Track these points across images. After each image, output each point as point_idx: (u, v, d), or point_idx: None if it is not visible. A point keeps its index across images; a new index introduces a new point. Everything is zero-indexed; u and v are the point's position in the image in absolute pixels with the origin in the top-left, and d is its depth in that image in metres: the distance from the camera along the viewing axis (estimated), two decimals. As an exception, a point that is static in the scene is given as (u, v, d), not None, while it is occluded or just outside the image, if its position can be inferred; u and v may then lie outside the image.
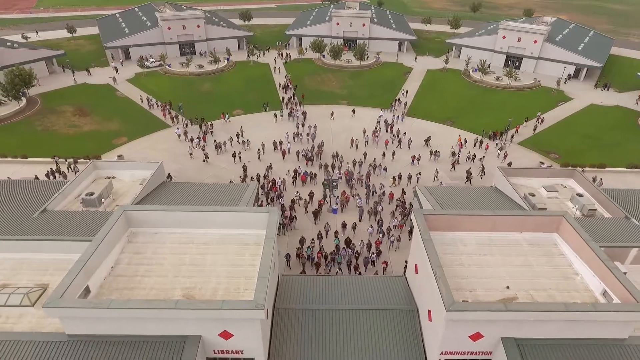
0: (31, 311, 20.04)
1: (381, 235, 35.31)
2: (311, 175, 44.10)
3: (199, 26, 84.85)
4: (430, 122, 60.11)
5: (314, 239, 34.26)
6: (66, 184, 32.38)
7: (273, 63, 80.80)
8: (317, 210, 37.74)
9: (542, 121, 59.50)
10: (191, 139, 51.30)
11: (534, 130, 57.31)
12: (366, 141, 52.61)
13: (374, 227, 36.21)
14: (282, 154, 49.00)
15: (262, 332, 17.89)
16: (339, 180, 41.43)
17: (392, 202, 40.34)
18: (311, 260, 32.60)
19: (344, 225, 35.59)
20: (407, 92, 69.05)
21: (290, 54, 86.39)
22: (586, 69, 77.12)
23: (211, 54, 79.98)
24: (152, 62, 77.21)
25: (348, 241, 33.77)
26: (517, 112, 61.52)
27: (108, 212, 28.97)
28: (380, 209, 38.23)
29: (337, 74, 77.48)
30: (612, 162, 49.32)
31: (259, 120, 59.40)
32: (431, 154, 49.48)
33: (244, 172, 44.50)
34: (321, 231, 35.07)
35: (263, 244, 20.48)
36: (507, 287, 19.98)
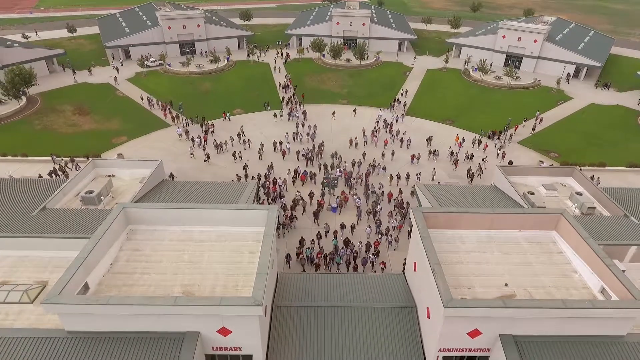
0: (30, 308, 20.10)
1: (380, 235, 35.21)
2: (311, 175, 44.09)
3: (199, 25, 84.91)
4: (430, 121, 60.14)
5: (314, 239, 34.19)
6: (66, 182, 32.41)
7: (273, 63, 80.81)
8: (317, 210, 37.74)
9: (541, 121, 59.44)
10: (192, 139, 51.27)
11: (533, 129, 57.28)
12: (365, 141, 52.59)
13: (372, 228, 36.11)
14: (282, 154, 48.97)
15: (260, 329, 17.92)
16: (338, 178, 41.41)
17: (391, 202, 40.24)
18: (310, 260, 32.59)
19: (342, 227, 35.50)
20: (406, 91, 69.04)
21: (289, 53, 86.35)
22: (586, 68, 77.11)
23: (211, 53, 79.97)
24: (152, 61, 77.24)
25: (347, 241, 33.69)
26: (517, 111, 61.51)
27: (107, 210, 28.98)
28: (379, 208, 38.19)
29: (337, 74, 77.46)
30: (613, 161, 49.22)
31: (259, 119, 59.41)
32: (430, 153, 49.47)
33: (245, 172, 44.46)
34: (320, 231, 35.00)
35: (262, 241, 20.53)
36: (506, 285, 20.01)
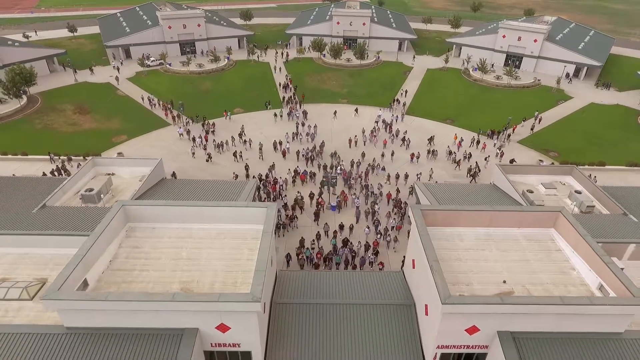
0: (30, 305, 20.18)
1: (378, 235, 35.08)
2: (311, 175, 44.06)
3: (199, 25, 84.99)
4: (430, 120, 60.15)
5: (314, 240, 34.13)
6: (66, 180, 32.48)
7: (273, 62, 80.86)
8: (317, 210, 37.69)
9: (540, 120, 59.37)
10: (193, 138, 51.20)
11: (531, 129, 57.23)
12: (365, 141, 52.51)
13: (371, 228, 36.01)
14: (282, 153, 48.86)
15: (259, 325, 17.96)
16: (337, 177, 41.39)
17: (389, 203, 39.92)
18: (310, 261, 32.56)
19: (341, 227, 35.38)
20: (406, 92, 68.88)
21: (289, 53, 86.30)
22: (586, 68, 77.06)
23: (211, 53, 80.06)
24: (153, 61, 77.34)
25: (345, 241, 33.67)
26: (517, 110, 61.47)
27: (107, 208, 29.03)
28: (377, 208, 38.01)
29: (337, 73, 77.47)
30: (612, 160, 49.17)
31: (259, 118, 59.44)
32: (429, 153, 49.35)
33: (246, 172, 44.37)
34: (320, 231, 34.91)
35: (260, 238, 20.57)
36: (504, 282, 20.04)
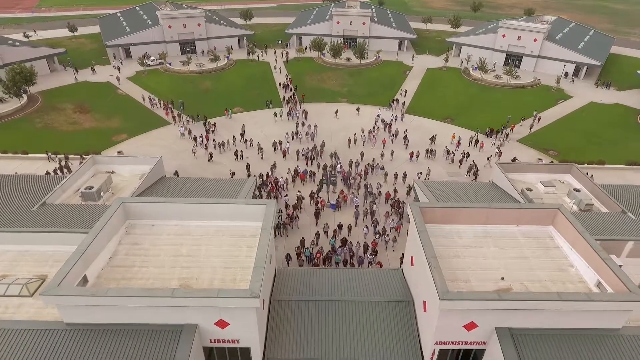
0: (30, 301, 20.24)
1: (377, 235, 35.02)
2: (310, 174, 44.01)
3: (199, 25, 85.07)
4: (429, 119, 60.23)
5: (314, 240, 34.11)
6: (65, 178, 32.57)
7: (274, 62, 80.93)
8: (317, 211, 37.60)
9: (539, 120, 59.38)
10: (194, 138, 51.15)
11: (530, 129, 57.21)
12: (364, 140, 52.46)
13: (369, 228, 35.99)
14: (283, 153, 48.76)
15: (257, 322, 18.02)
16: (337, 175, 41.44)
17: (387, 202, 39.73)
18: (310, 260, 32.57)
19: (340, 227, 35.35)
20: (405, 91, 68.82)
21: (289, 52, 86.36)
22: (586, 67, 77.11)
23: (211, 52, 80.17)
24: (153, 60, 77.44)
25: (344, 241, 33.70)
26: (516, 110, 61.56)
27: (107, 205, 29.09)
28: (376, 208, 37.90)
29: (337, 73, 77.54)
30: (612, 159, 49.17)
31: (260, 118, 59.49)
32: (427, 152, 49.28)
33: (247, 171, 44.29)
34: (319, 231, 34.91)
35: (259, 235, 20.64)
36: (502, 279, 20.10)
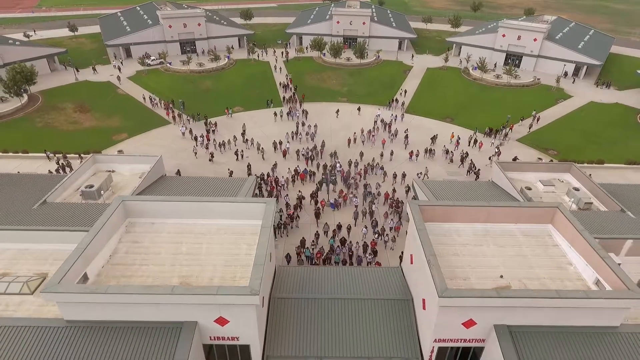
0: (30, 299, 20.32)
1: (376, 235, 35.00)
2: (310, 174, 43.99)
3: (199, 24, 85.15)
4: (429, 119, 60.26)
5: (314, 240, 34.11)
6: (66, 177, 32.65)
7: (274, 61, 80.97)
8: (317, 211, 37.60)
9: (538, 120, 59.40)
10: (195, 138, 51.06)
11: (529, 128, 57.23)
12: (363, 140, 52.43)
13: (368, 228, 35.97)
14: (283, 153, 48.66)
15: (257, 319, 18.10)
16: (337, 174, 41.47)
17: (386, 202, 39.62)
18: (310, 260, 32.57)
19: (339, 227, 35.32)
20: (405, 91, 68.79)
21: (289, 52, 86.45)
22: (586, 67, 77.13)
23: (211, 52, 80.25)
24: (153, 60, 77.51)
25: (343, 241, 33.72)
26: (516, 109, 61.57)
27: (107, 204, 29.12)
28: (375, 208, 37.87)
29: (337, 72, 77.58)
30: (612, 159, 49.16)
31: (260, 117, 59.50)
32: (426, 151, 49.20)
33: (249, 171, 44.17)
34: (318, 231, 34.92)
35: (259, 233, 20.71)
36: (501, 277, 20.18)
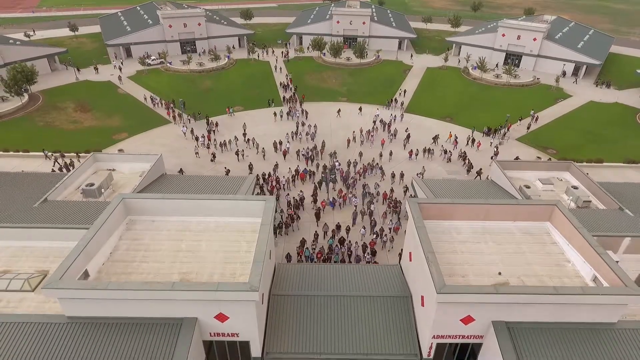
0: (31, 296, 20.45)
1: (375, 236, 35.06)
2: (310, 174, 44.09)
3: (200, 24, 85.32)
4: (429, 118, 60.42)
5: (314, 240, 34.18)
6: (67, 175, 32.78)
7: (274, 61, 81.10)
8: (317, 211, 37.68)
9: (536, 119, 59.50)
10: (196, 138, 51.05)
11: (528, 128, 57.35)
12: (362, 140, 52.48)
13: (367, 228, 36.02)
14: (283, 154, 48.70)
15: (257, 315, 18.22)
16: (337, 173, 41.55)
17: (384, 203, 39.61)
18: (310, 260, 32.63)
19: (338, 227, 35.45)
20: (405, 91, 68.83)
21: (289, 51, 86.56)
22: (585, 66, 77.22)
23: (212, 51, 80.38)
24: (153, 59, 77.67)
25: (342, 240, 33.83)
26: (515, 109, 61.60)
27: (107, 202, 29.21)
28: (373, 208, 37.92)
29: (337, 72, 77.74)
30: (611, 158, 49.31)
31: (259, 117, 59.64)
32: (425, 151, 49.25)
33: (250, 171, 44.21)
34: (317, 231, 35.01)
35: (259, 231, 20.82)
36: (499, 274, 20.29)
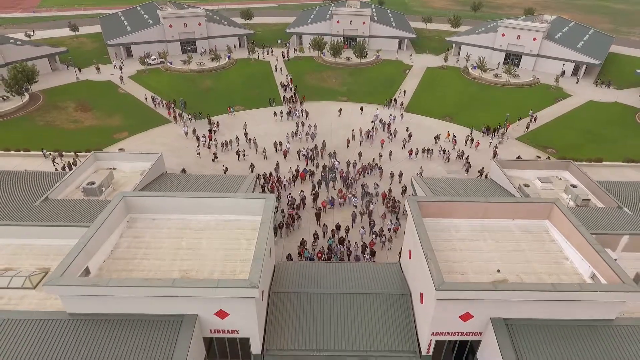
0: (32, 293, 20.60)
1: (374, 236, 35.12)
2: (310, 173, 44.18)
3: (200, 24, 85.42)
4: (429, 118, 60.52)
5: (314, 240, 34.27)
6: (68, 174, 32.90)
7: (274, 61, 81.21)
8: (318, 212, 37.77)
9: (535, 119, 59.57)
10: (197, 138, 50.98)
11: (527, 128, 57.41)
12: (361, 140, 52.52)
13: (366, 229, 36.08)
14: (284, 154, 48.73)
15: (257, 312, 18.33)
16: (336, 172, 41.66)
17: (384, 203, 39.61)
18: (311, 260, 32.69)
19: (337, 227, 35.52)
20: (404, 91, 68.84)
21: (289, 51, 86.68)
22: (585, 66, 77.29)
23: (212, 51, 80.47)
24: (154, 59, 77.80)
25: (342, 240, 33.92)
26: (515, 108, 61.72)
27: (108, 200, 29.35)
28: (372, 208, 37.97)
29: (337, 72, 77.86)
30: (610, 157, 49.41)
31: (260, 116, 59.75)
32: (424, 151, 49.27)
33: (251, 171, 44.19)
34: (317, 231, 35.08)
35: (258, 229, 20.92)
36: (498, 271, 20.38)
